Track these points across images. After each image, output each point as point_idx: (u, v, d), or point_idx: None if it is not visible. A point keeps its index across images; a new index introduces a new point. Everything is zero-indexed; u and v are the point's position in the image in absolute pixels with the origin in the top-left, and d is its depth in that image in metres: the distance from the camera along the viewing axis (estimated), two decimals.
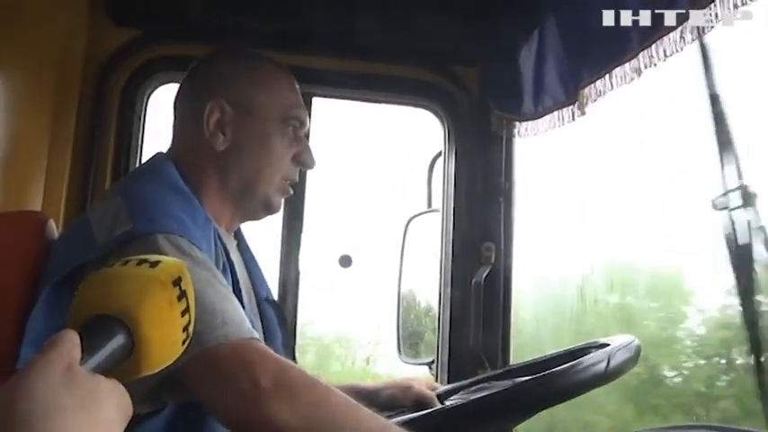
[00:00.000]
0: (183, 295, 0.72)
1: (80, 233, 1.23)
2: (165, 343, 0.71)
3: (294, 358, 1.47)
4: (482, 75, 2.15)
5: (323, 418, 1.05)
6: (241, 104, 1.40)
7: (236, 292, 1.27)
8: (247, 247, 1.51)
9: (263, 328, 1.39)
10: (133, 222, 1.17)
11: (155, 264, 0.72)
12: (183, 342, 0.73)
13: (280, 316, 1.46)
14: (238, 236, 1.50)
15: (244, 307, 1.25)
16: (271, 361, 1.08)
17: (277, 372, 1.06)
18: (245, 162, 1.39)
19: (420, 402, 1.55)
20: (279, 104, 1.42)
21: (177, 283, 0.72)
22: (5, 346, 1.15)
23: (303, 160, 1.44)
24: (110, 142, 2.01)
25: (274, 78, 1.44)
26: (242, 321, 1.12)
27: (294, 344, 1.74)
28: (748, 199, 1.41)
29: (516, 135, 1.99)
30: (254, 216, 1.46)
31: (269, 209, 1.44)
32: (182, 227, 1.18)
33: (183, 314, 0.72)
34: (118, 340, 0.66)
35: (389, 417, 1.49)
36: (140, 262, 0.72)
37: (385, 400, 1.57)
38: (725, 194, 1.42)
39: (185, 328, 0.73)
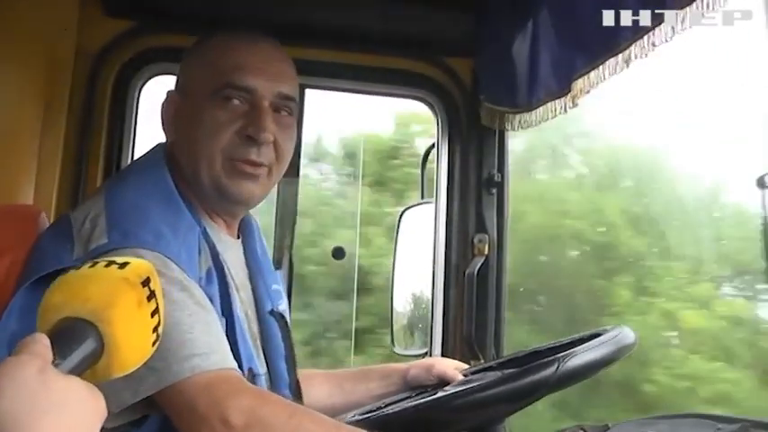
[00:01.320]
0: (152, 296, 0.72)
1: (60, 235, 1.21)
2: (136, 344, 0.70)
3: (295, 375, 1.40)
4: (476, 66, 2.15)
5: None
6: (183, 89, 1.33)
7: (225, 298, 1.23)
8: (254, 250, 1.42)
9: (263, 340, 1.34)
10: (108, 236, 1.15)
11: (123, 265, 0.72)
12: (154, 343, 0.73)
13: (284, 328, 1.39)
14: (246, 235, 1.42)
15: (233, 316, 1.22)
16: (243, 396, 1.05)
17: (249, 408, 1.03)
18: (185, 148, 1.29)
19: (443, 380, 1.57)
20: (212, 76, 1.26)
21: (146, 283, 0.72)
22: None
23: (249, 134, 1.25)
24: (102, 134, 2.00)
25: (215, 49, 1.30)
26: (212, 350, 1.08)
27: None
28: None
29: (509, 127, 1.98)
30: (223, 208, 1.34)
31: (227, 196, 1.29)
32: (158, 240, 1.15)
33: (152, 315, 0.72)
34: (89, 343, 0.66)
35: (411, 397, 1.55)
36: (108, 263, 0.72)
37: (410, 380, 1.60)
38: None
39: (155, 329, 0.72)
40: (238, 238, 1.41)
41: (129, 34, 2.01)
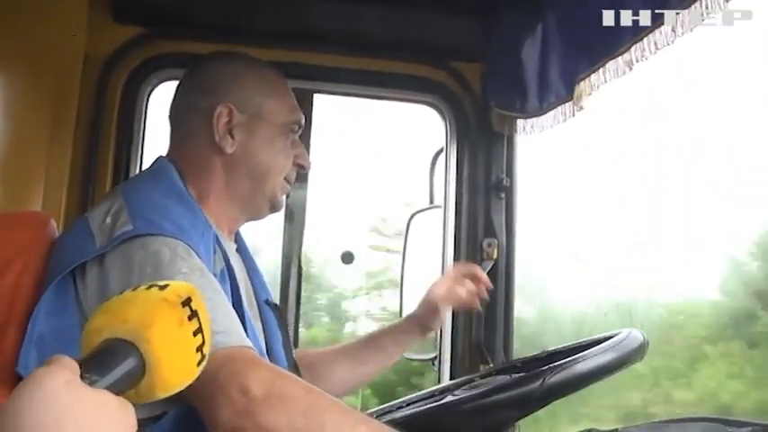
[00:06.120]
0: (193, 315, 0.72)
1: (80, 233, 1.23)
2: (178, 363, 0.70)
3: (293, 359, 1.48)
4: (484, 71, 2.14)
5: (316, 426, 1.04)
6: (250, 108, 1.43)
7: (236, 298, 1.27)
8: (246, 250, 1.54)
9: (263, 330, 1.40)
10: (133, 224, 1.17)
11: (163, 287, 0.72)
12: (199, 363, 0.73)
13: (279, 318, 1.49)
14: (237, 239, 1.52)
15: (243, 312, 1.26)
16: (262, 369, 1.07)
17: (268, 380, 1.05)
18: (254, 164, 1.43)
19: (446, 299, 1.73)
20: (284, 109, 1.47)
21: (187, 303, 0.72)
22: (9, 346, 1.15)
23: (301, 163, 1.51)
24: (110, 141, 2.00)
25: (278, 84, 1.49)
26: (232, 330, 1.12)
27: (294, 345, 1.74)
28: None
29: (519, 132, 1.98)
30: (260, 215, 1.50)
31: (274, 207, 1.49)
32: (181, 232, 1.19)
33: (195, 334, 0.72)
34: (129, 362, 0.66)
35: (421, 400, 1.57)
36: (150, 286, 0.72)
37: (422, 323, 1.74)
38: None
39: (199, 349, 0.72)
40: None
41: (137, 41, 2.01)
